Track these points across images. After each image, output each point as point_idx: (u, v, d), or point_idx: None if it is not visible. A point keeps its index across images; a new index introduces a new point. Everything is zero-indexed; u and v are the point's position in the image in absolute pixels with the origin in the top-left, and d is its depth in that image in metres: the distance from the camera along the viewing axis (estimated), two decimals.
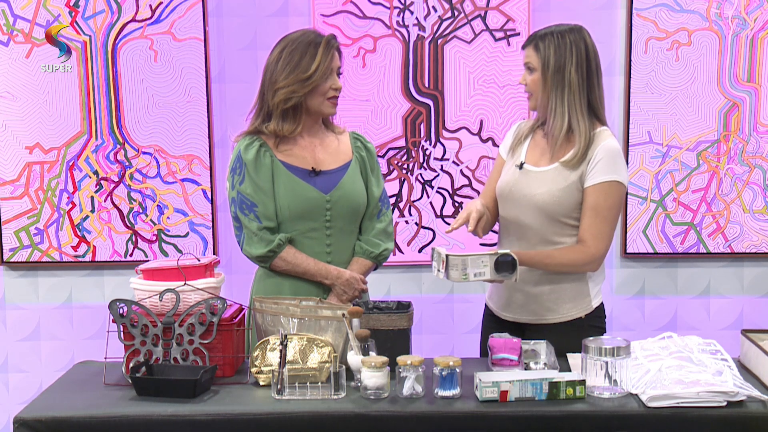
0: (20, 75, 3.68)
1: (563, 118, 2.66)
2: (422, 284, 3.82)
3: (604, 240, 2.66)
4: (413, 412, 2.19)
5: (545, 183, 2.69)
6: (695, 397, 2.16)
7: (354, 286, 2.78)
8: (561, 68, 2.64)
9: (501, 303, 2.82)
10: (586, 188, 2.66)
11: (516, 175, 2.76)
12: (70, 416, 2.21)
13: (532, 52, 2.69)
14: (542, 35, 2.68)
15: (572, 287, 2.73)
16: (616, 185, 2.65)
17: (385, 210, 2.91)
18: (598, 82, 2.70)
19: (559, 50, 2.65)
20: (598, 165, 2.64)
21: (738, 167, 3.70)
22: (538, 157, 2.75)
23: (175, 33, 3.66)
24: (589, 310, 2.74)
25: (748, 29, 3.62)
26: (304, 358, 2.37)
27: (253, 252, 2.76)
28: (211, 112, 3.70)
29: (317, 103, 2.76)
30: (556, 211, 2.68)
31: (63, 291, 3.83)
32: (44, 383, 3.69)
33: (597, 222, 2.64)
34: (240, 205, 2.75)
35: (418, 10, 3.65)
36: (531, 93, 2.72)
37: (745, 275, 3.80)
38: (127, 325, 2.46)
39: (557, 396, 2.22)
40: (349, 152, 2.88)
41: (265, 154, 2.76)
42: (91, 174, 3.73)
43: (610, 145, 2.66)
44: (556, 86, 2.65)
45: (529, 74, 2.71)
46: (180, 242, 3.76)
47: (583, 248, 2.65)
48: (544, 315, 2.74)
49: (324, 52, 2.72)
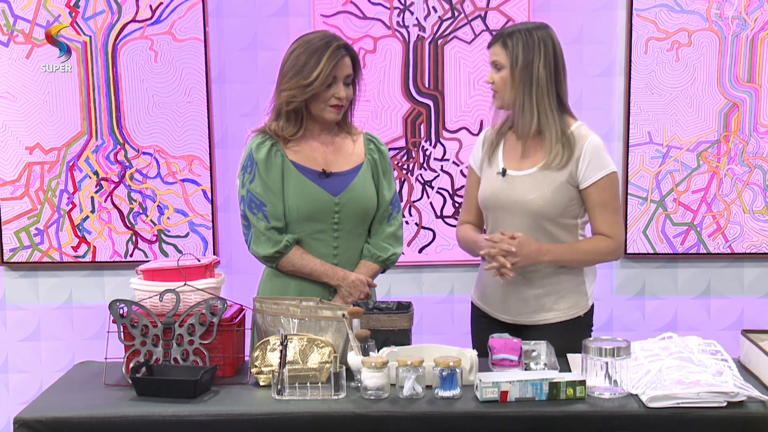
0: (20, 75, 3.68)
1: (532, 114, 2.67)
2: (422, 284, 3.82)
3: (621, 227, 2.75)
4: (413, 413, 2.19)
5: (534, 187, 2.69)
6: (695, 397, 2.16)
7: (360, 289, 2.78)
8: (529, 64, 2.66)
9: (496, 305, 2.82)
10: (585, 188, 2.68)
11: (500, 183, 2.75)
12: (71, 416, 2.21)
13: (499, 49, 2.70)
14: (509, 33, 2.69)
15: (570, 286, 2.74)
16: (612, 176, 2.71)
17: (396, 213, 2.90)
18: (564, 78, 2.73)
19: (527, 47, 2.66)
20: (590, 163, 2.67)
21: (738, 168, 3.70)
22: (517, 162, 2.75)
23: (176, 33, 3.66)
24: (587, 308, 2.77)
25: (749, 30, 3.62)
26: (305, 358, 2.37)
27: (260, 252, 2.76)
28: (211, 113, 3.70)
29: (318, 109, 2.75)
30: (550, 213, 2.69)
31: (63, 291, 3.83)
32: (44, 383, 3.69)
33: (608, 214, 2.70)
34: (249, 204, 2.75)
35: (418, 10, 3.65)
36: (497, 91, 2.73)
37: (746, 276, 3.80)
38: (127, 325, 2.46)
39: (557, 396, 2.22)
40: (362, 154, 2.87)
41: (276, 154, 2.76)
42: (91, 174, 3.73)
43: (593, 141, 2.69)
44: (525, 83, 2.66)
45: (497, 72, 2.72)
46: (180, 243, 3.76)
47: (606, 238, 2.70)
48: (544, 315, 2.74)
49: (328, 61, 2.69)
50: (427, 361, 2.28)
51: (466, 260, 3.76)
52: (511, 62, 2.67)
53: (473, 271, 3.80)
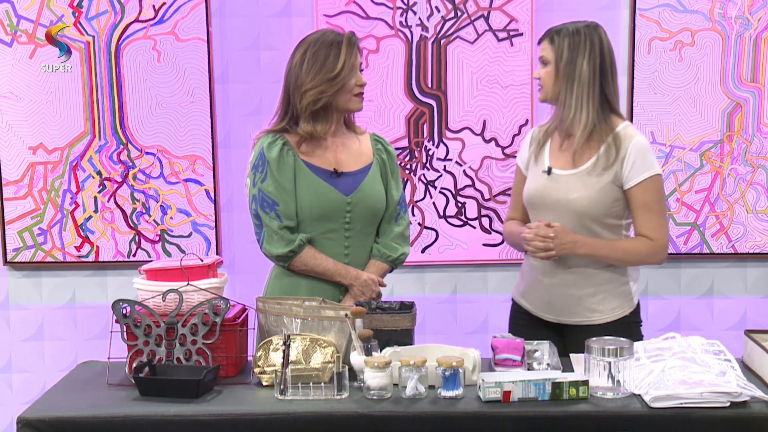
0: (24, 75, 3.69)
1: (571, 109, 2.69)
2: (425, 284, 3.82)
3: (665, 230, 2.74)
4: (416, 413, 2.19)
5: (579, 186, 2.70)
6: (698, 397, 2.16)
7: (372, 288, 2.79)
8: (573, 61, 2.69)
9: (539, 304, 2.83)
10: (630, 189, 2.69)
11: (544, 181, 2.77)
12: (74, 416, 2.21)
13: (547, 45, 2.75)
14: (558, 30, 2.74)
15: (615, 287, 2.75)
16: (657, 178, 2.70)
17: (403, 214, 2.92)
18: (613, 78, 2.74)
19: (573, 43, 2.70)
20: (635, 164, 2.67)
21: (741, 167, 3.70)
22: (563, 161, 2.77)
23: (179, 33, 3.66)
24: (632, 308, 2.79)
25: (752, 29, 3.62)
26: (307, 358, 2.37)
27: (273, 251, 2.76)
28: (214, 113, 3.70)
29: (344, 101, 2.76)
30: (594, 213, 2.70)
31: (66, 291, 3.83)
32: (47, 383, 3.69)
33: (652, 216, 2.70)
34: (261, 203, 2.75)
35: (421, 10, 3.65)
36: (542, 86, 2.77)
37: (749, 275, 3.79)
38: (130, 325, 2.46)
39: (560, 396, 2.22)
40: (370, 154, 2.88)
41: (288, 153, 2.76)
42: (94, 174, 3.73)
43: (639, 141, 2.70)
44: (567, 78, 2.69)
45: (543, 67, 2.76)
46: (183, 242, 3.77)
47: (647, 240, 2.70)
48: (589, 316, 2.75)
49: (348, 50, 2.73)
50: (429, 361, 2.28)
51: (468, 260, 3.77)
52: (556, 58, 2.71)
53: (476, 271, 3.81)
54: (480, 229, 3.75)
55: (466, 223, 3.76)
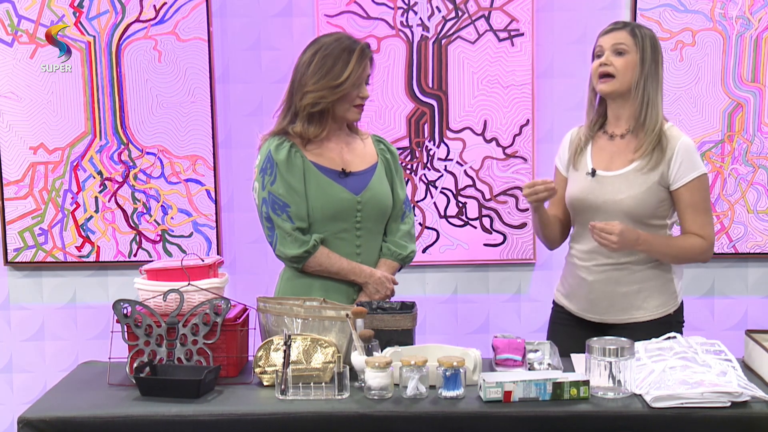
0: (24, 75, 3.69)
1: (648, 106, 2.70)
2: (426, 284, 3.82)
3: (712, 228, 2.77)
4: (417, 413, 2.19)
5: (624, 187, 2.71)
6: (699, 397, 2.16)
7: (386, 285, 2.80)
8: (655, 59, 2.71)
9: (583, 303, 2.83)
10: (677, 189, 2.70)
11: (589, 183, 2.77)
12: (74, 416, 2.22)
13: (627, 36, 2.71)
14: (638, 25, 2.76)
15: (659, 284, 2.76)
16: (703, 177, 2.72)
17: (408, 212, 2.95)
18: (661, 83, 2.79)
19: (654, 43, 2.73)
20: (682, 165, 2.68)
21: (742, 167, 3.70)
22: (607, 162, 2.76)
23: (179, 33, 3.66)
24: (676, 306, 2.79)
25: (753, 29, 3.62)
26: (308, 358, 2.37)
27: (288, 253, 2.75)
28: (215, 113, 3.70)
29: (343, 110, 2.77)
30: (640, 213, 2.71)
31: (67, 291, 3.83)
32: (48, 383, 3.70)
33: (699, 215, 2.72)
34: (272, 206, 2.74)
35: (421, 10, 3.65)
36: (616, 75, 2.71)
37: (750, 275, 3.79)
38: (131, 325, 2.47)
39: (561, 396, 2.22)
40: (374, 154, 2.90)
41: (296, 155, 2.76)
42: (95, 174, 3.74)
43: (685, 142, 2.71)
44: (651, 75, 2.70)
45: (618, 56, 2.71)
46: (184, 242, 3.77)
47: (699, 237, 2.72)
48: (633, 314, 2.75)
49: (357, 61, 2.72)
50: (430, 361, 2.28)
51: (469, 260, 3.77)
52: (641, 52, 2.69)
53: (476, 271, 3.81)
54: (481, 229, 3.75)
55: (466, 223, 3.76)
